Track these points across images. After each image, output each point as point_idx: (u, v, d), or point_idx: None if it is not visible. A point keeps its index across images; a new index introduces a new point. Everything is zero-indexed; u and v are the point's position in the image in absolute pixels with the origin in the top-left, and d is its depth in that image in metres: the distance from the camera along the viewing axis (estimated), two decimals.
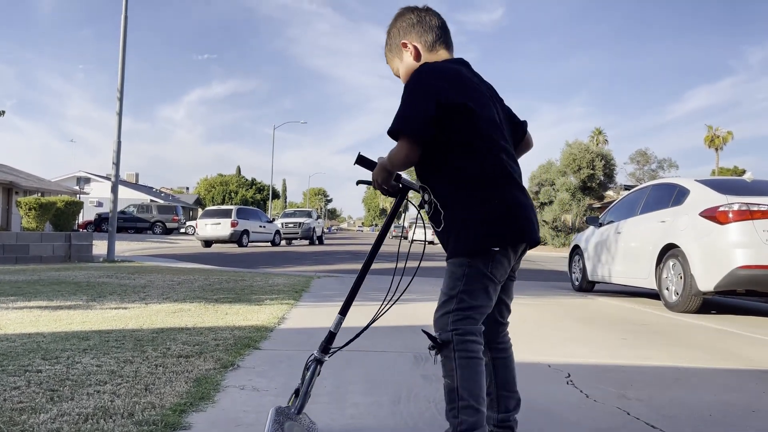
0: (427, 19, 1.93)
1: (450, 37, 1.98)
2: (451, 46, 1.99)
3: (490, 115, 1.83)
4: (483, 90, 1.88)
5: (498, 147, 1.81)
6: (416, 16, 1.94)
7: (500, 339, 1.98)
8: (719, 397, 2.78)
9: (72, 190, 35.44)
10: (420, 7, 1.98)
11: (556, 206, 32.27)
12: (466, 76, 1.86)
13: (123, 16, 12.59)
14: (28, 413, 2.14)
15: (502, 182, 1.79)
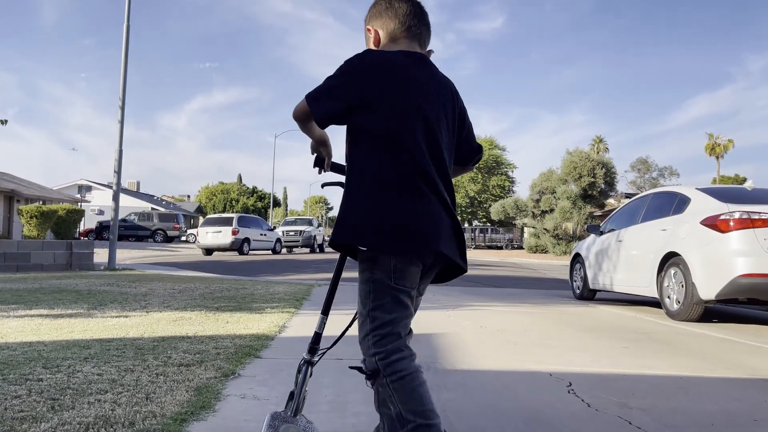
0: (395, 7, 1.83)
1: (421, 29, 1.85)
2: (420, 37, 1.86)
3: (414, 114, 1.70)
4: (420, 88, 1.74)
5: (412, 150, 1.67)
6: (386, 3, 1.84)
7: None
8: (721, 406, 2.77)
9: (73, 198, 35.49)
10: None
11: (557, 214, 32.24)
12: (403, 70, 1.73)
13: (125, 25, 12.66)
14: (29, 422, 2.14)
15: (408, 188, 1.66)
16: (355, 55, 1.74)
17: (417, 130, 1.69)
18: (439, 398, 2.73)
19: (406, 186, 1.66)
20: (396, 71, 1.72)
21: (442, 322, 5.38)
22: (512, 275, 15.47)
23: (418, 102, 1.71)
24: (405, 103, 1.69)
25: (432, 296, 7.91)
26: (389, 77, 1.70)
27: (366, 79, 1.69)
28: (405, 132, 1.68)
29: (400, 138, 1.67)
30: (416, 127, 1.69)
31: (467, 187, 51.71)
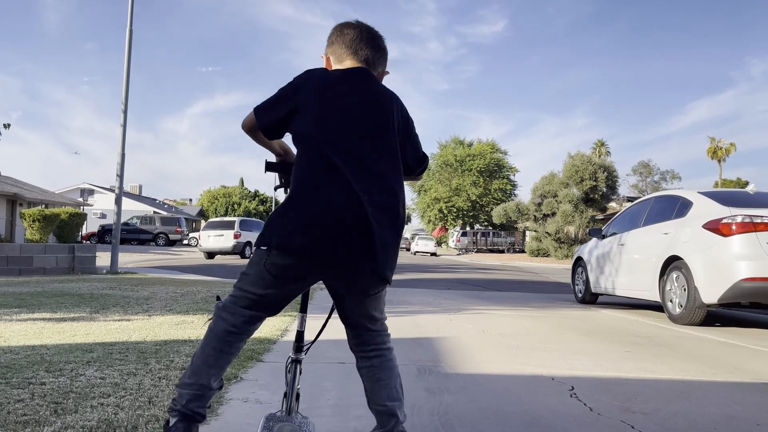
0: (345, 33, 1.96)
1: (369, 52, 1.96)
2: (367, 60, 1.96)
3: (336, 123, 1.78)
4: (348, 99, 1.82)
5: (321, 160, 1.74)
6: (337, 32, 1.98)
7: (367, 347, 1.88)
8: (724, 410, 2.76)
9: (76, 202, 35.54)
10: (345, 22, 2.01)
11: (559, 218, 32.23)
12: (336, 83, 1.84)
13: (128, 30, 12.70)
14: (32, 426, 2.15)
15: (311, 194, 1.72)
16: (300, 73, 1.89)
17: (337, 136, 1.77)
18: (441, 401, 2.74)
19: (307, 184, 1.74)
20: (328, 84, 1.84)
21: (444, 325, 5.38)
22: (514, 279, 15.46)
23: (345, 111, 1.80)
24: (328, 113, 1.79)
25: (434, 300, 7.91)
26: (320, 88, 1.82)
27: (302, 90, 1.82)
28: (321, 136, 1.76)
29: (316, 141, 1.76)
30: (336, 134, 1.77)
31: (469, 190, 51.71)
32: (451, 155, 53.24)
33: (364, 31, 1.97)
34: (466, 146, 54.86)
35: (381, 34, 2.00)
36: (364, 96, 1.86)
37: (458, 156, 52.94)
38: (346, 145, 1.76)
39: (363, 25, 1.99)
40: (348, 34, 1.96)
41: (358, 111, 1.82)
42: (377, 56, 1.98)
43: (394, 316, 5.96)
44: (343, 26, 1.98)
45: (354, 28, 1.97)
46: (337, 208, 1.69)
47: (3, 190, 26.08)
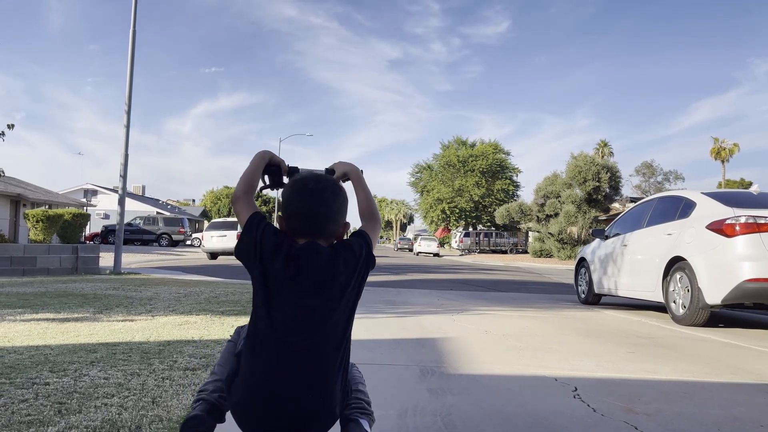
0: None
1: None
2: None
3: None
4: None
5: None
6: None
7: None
8: (727, 411, 2.76)
9: (79, 203, 35.62)
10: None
11: (562, 218, 32.18)
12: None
13: (131, 31, 12.73)
14: (36, 426, 2.15)
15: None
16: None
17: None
18: (444, 402, 2.74)
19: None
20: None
21: (447, 326, 5.38)
22: (517, 279, 15.44)
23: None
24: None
25: (436, 300, 7.90)
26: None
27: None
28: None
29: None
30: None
31: (472, 191, 51.69)
32: (454, 156, 53.23)
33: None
34: (468, 147, 54.85)
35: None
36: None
37: (461, 156, 52.92)
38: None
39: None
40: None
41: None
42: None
43: (397, 316, 5.96)
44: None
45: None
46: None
47: (6, 190, 26.15)
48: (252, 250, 1.69)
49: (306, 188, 1.75)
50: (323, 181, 1.79)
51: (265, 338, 1.65)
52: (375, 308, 6.54)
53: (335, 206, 1.75)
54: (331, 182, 1.81)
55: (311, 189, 1.74)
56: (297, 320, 1.64)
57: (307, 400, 1.62)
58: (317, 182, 1.77)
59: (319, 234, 1.72)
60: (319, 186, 1.75)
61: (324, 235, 1.73)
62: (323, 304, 1.65)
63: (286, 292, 1.66)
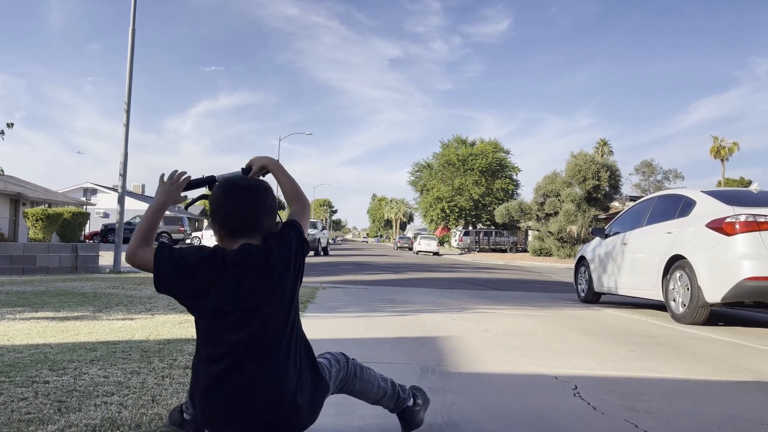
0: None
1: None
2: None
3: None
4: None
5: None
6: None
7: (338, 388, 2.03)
8: (728, 410, 2.76)
9: (79, 201, 35.60)
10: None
11: (562, 217, 32.18)
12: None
13: (131, 29, 12.72)
14: (36, 424, 2.15)
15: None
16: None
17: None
18: (444, 401, 2.73)
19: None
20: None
21: (447, 325, 5.37)
22: (516, 278, 15.44)
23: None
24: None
25: (436, 299, 7.90)
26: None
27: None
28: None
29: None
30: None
31: (471, 190, 51.68)
32: (454, 155, 53.21)
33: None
34: (468, 146, 54.83)
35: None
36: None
37: (461, 155, 52.91)
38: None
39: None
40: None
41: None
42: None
43: (398, 315, 5.95)
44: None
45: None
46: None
47: (6, 189, 26.14)
48: (175, 278, 1.72)
49: (237, 187, 1.82)
50: (250, 180, 1.88)
51: (206, 339, 1.72)
52: (375, 307, 6.54)
53: (268, 202, 1.83)
54: (256, 180, 1.89)
55: (242, 187, 1.82)
56: (233, 320, 1.69)
57: (254, 394, 1.66)
58: (246, 181, 1.86)
59: (256, 231, 1.78)
60: (249, 184, 1.84)
61: (261, 232, 1.78)
62: (263, 299, 1.71)
63: (225, 304, 1.70)
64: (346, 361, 2.03)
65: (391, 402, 2.14)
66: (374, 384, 2.09)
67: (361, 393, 2.08)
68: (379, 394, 2.10)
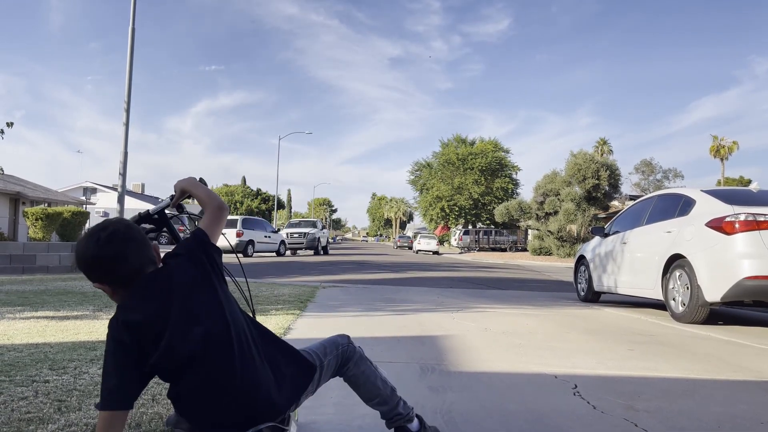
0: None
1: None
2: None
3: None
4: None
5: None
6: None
7: (342, 368, 2.05)
8: (728, 409, 2.76)
9: (78, 201, 35.58)
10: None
11: (561, 216, 32.18)
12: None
13: (130, 28, 12.72)
14: (36, 424, 2.15)
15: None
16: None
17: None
18: (444, 400, 2.74)
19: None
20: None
21: (447, 324, 5.38)
22: (516, 277, 15.45)
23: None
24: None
25: (436, 298, 7.90)
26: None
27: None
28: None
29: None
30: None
31: (471, 189, 51.68)
32: (453, 154, 53.20)
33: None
34: (468, 145, 54.82)
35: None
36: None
37: (460, 154, 52.89)
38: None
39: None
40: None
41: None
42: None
43: (397, 314, 5.95)
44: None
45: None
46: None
47: (6, 188, 26.13)
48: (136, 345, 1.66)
49: (98, 242, 1.72)
50: (106, 226, 1.77)
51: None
52: (375, 306, 6.54)
53: (135, 240, 1.76)
54: (110, 223, 1.79)
55: (105, 240, 1.72)
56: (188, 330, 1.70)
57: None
58: (103, 231, 1.74)
59: (143, 267, 1.75)
60: (108, 233, 1.73)
61: (148, 265, 1.77)
62: (200, 305, 1.72)
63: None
64: (346, 343, 2.05)
65: (384, 407, 2.09)
66: (370, 379, 2.07)
67: (355, 383, 2.07)
68: (373, 392, 2.07)
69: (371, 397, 2.08)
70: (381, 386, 2.07)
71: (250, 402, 1.70)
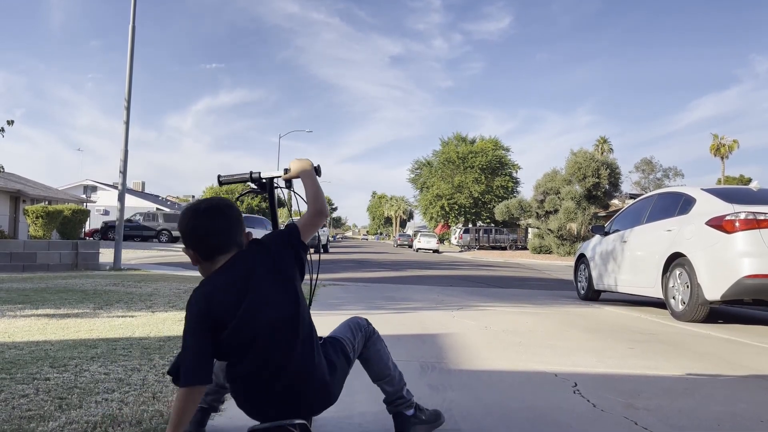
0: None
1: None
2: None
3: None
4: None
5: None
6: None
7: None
8: (727, 407, 2.76)
9: (79, 199, 35.60)
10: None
11: (561, 215, 32.18)
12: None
13: (131, 26, 12.71)
14: (37, 421, 2.15)
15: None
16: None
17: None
18: (444, 398, 2.74)
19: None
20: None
21: (447, 322, 5.38)
22: (516, 276, 15.45)
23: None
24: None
25: (436, 296, 7.91)
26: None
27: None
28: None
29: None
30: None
31: (471, 187, 51.65)
32: (453, 152, 53.17)
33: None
34: (468, 143, 54.78)
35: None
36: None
37: (460, 153, 52.86)
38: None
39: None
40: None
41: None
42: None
43: (397, 312, 5.96)
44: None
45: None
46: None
47: (6, 186, 26.13)
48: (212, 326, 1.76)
49: (200, 212, 1.86)
50: (211, 200, 1.91)
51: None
52: (375, 304, 6.55)
53: (233, 217, 1.88)
54: (216, 200, 1.92)
55: (205, 210, 1.86)
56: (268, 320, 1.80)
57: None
58: (208, 203, 1.89)
59: (231, 247, 1.85)
60: (211, 205, 1.88)
61: (235, 246, 1.87)
62: (270, 295, 1.81)
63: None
64: (366, 325, 2.19)
65: (390, 388, 2.19)
66: (383, 360, 2.19)
67: (368, 362, 2.19)
68: (384, 372, 2.18)
69: (381, 376, 2.19)
70: (392, 368, 2.21)
71: (307, 390, 1.81)
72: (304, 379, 1.80)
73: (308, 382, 1.81)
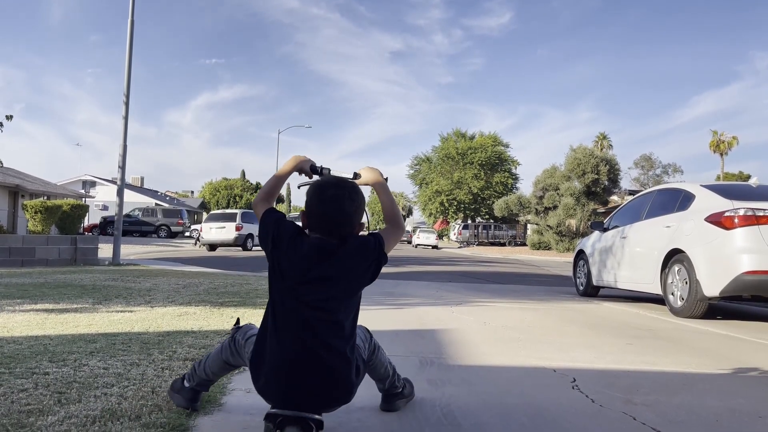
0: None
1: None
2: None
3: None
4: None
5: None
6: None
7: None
8: (726, 403, 2.77)
9: (78, 194, 35.55)
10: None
11: (561, 211, 32.21)
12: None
13: (129, 21, 12.67)
14: (36, 415, 2.15)
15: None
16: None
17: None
18: (443, 393, 2.74)
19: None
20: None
21: (446, 318, 5.38)
22: (515, 272, 15.46)
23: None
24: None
25: (435, 292, 7.91)
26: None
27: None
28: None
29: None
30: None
31: (470, 183, 51.63)
32: (453, 148, 53.13)
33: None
34: (467, 139, 54.74)
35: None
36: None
37: (460, 149, 52.81)
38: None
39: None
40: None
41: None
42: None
43: (396, 308, 5.97)
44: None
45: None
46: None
47: (5, 181, 26.09)
48: (265, 239, 1.97)
49: (325, 194, 1.95)
50: (342, 187, 1.98)
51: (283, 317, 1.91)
52: (373, 300, 6.55)
53: (350, 210, 1.95)
54: (348, 188, 1.99)
55: (330, 196, 1.95)
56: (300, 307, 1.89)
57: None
58: (337, 189, 1.97)
59: (334, 234, 1.94)
60: (338, 194, 1.95)
61: (338, 235, 1.94)
62: (327, 290, 1.89)
63: (291, 282, 1.89)
64: (371, 339, 2.28)
65: (386, 384, 2.37)
66: (383, 364, 2.32)
67: (371, 369, 2.28)
68: (383, 374, 2.33)
69: (380, 378, 2.35)
70: (389, 369, 2.35)
71: (333, 388, 1.89)
72: (330, 373, 1.87)
73: (335, 376, 1.88)
